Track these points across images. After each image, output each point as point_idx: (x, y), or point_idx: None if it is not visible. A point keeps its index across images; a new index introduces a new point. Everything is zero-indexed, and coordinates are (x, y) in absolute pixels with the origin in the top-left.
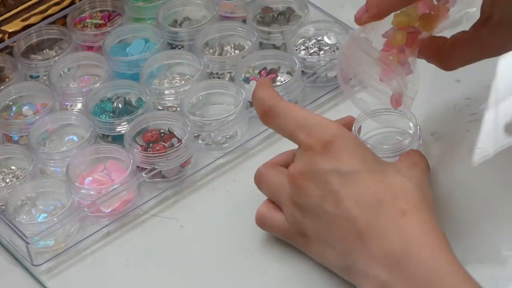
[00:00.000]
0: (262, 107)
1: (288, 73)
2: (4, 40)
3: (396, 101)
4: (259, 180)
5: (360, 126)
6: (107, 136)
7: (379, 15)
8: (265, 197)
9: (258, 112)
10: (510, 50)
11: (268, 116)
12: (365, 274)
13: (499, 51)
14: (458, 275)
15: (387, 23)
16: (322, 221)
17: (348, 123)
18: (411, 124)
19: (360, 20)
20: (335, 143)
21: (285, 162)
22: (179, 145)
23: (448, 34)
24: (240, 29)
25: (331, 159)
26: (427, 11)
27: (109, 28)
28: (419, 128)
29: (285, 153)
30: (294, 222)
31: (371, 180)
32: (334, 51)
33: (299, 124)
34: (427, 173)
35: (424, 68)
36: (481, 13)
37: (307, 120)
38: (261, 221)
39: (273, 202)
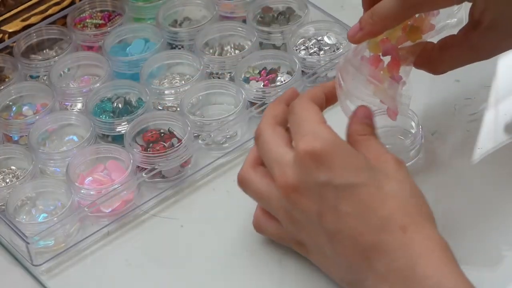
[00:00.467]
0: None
1: (288, 73)
2: (4, 40)
3: (393, 113)
4: (243, 185)
5: None
6: (107, 136)
7: (374, 33)
8: None
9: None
10: (500, 53)
11: (289, 112)
12: None
13: (489, 54)
14: (463, 287)
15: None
16: (321, 236)
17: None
18: (413, 124)
19: (354, 38)
20: (327, 153)
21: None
22: (179, 145)
23: (434, 40)
24: (240, 29)
25: (324, 170)
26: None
27: (109, 28)
28: (421, 128)
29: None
30: (289, 232)
31: (368, 193)
32: (334, 51)
33: (299, 124)
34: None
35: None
36: (470, 17)
37: (305, 123)
38: (257, 226)
39: None
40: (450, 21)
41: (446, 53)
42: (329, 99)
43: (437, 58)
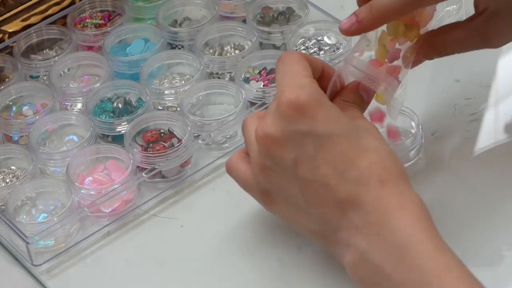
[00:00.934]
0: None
1: None
2: (4, 40)
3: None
4: (243, 130)
5: None
6: (107, 136)
7: (372, 27)
8: None
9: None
10: (506, 42)
11: (279, 60)
12: (346, 243)
13: (495, 42)
14: (432, 242)
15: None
16: (294, 184)
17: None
18: (413, 124)
19: (349, 31)
20: (309, 104)
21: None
22: (179, 145)
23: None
24: (240, 29)
25: (306, 120)
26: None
27: (109, 28)
28: (421, 128)
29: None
30: (257, 180)
31: (348, 144)
32: (334, 51)
33: (283, 79)
34: None
35: (424, 68)
36: (475, 7)
37: (291, 77)
38: (228, 169)
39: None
40: (449, 8)
41: (450, 36)
42: (324, 75)
43: (441, 43)
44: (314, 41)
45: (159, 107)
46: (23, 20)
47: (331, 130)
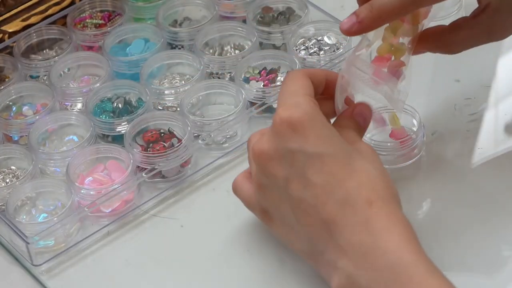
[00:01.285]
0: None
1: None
2: (4, 40)
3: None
4: (248, 147)
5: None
6: (107, 136)
7: (373, 27)
8: None
9: None
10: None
11: (283, 80)
12: (333, 265)
13: (501, 35)
14: (422, 264)
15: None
16: (285, 203)
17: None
18: (414, 122)
19: (350, 31)
20: (303, 122)
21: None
22: (179, 145)
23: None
24: (240, 29)
25: (298, 138)
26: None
27: (109, 28)
28: (423, 125)
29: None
30: (257, 198)
31: (338, 164)
32: (334, 51)
33: (283, 96)
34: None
35: (424, 68)
36: (478, 3)
37: (290, 95)
38: (233, 188)
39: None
40: None
41: (458, 35)
42: (328, 88)
43: (448, 40)
44: (314, 41)
45: (159, 107)
46: (23, 20)
47: (321, 149)
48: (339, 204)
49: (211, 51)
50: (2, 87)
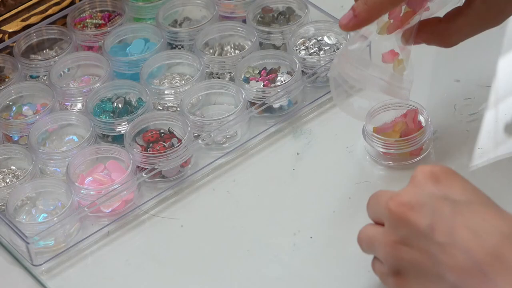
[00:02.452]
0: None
1: (288, 73)
2: (4, 40)
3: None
4: (359, 238)
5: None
6: (107, 136)
7: (369, 20)
8: (265, 198)
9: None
10: (507, 18)
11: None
12: None
13: (496, 20)
14: None
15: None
16: (428, 253)
17: None
18: (422, 118)
19: (348, 26)
20: (443, 172)
21: None
22: (179, 145)
23: (441, 14)
24: (240, 29)
25: (443, 188)
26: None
27: (109, 28)
28: (430, 122)
29: None
30: (388, 262)
31: (489, 211)
32: (334, 51)
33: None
34: None
35: (424, 68)
36: None
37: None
38: (372, 266)
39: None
40: None
41: (454, 25)
42: None
43: (445, 31)
44: (314, 41)
45: (159, 107)
46: (23, 20)
47: (470, 197)
48: (495, 246)
49: (211, 51)
50: (2, 87)
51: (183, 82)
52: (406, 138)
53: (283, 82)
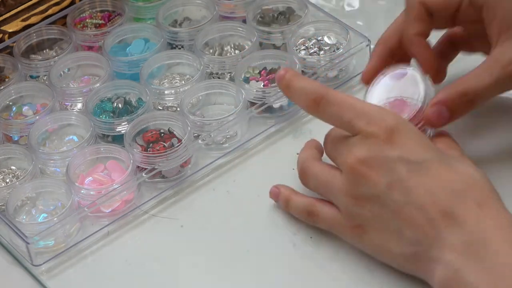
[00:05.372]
0: (309, 96)
1: None
2: (4, 40)
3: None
4: (305, 175)
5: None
6: (107, 136)
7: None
8: (265, 198)
9: (304, 102)
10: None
11: (318, 105)
12: (438, 260)
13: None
14: None
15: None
16: (386, 209)
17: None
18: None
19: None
20: (400, 131)
21: (319, 155)
22: (179, 145)
23: None
24: (240, 29)
25: (397, 147)
26: None
27: (109, 28)
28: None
29: (313, 145)
30: (349, 214)
31: (442, 169)
32: (334, 51)
33: (357, 112)
34: None
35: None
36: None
37: (366, 108)
38: (310, 213)
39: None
40: None
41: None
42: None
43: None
44: (314, 41)
45: (159, 107)
46: (23, 20)
47: (422, 156)
48: (448, 203)
49: (211, 51)
50: (2, 87)
51: (183, 82)
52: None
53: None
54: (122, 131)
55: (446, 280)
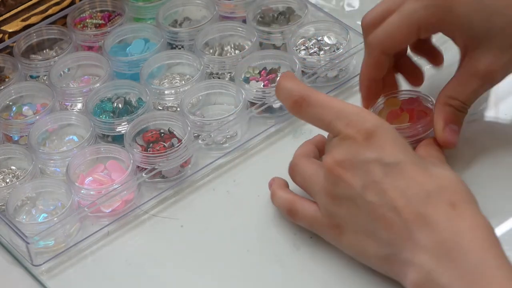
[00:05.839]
0: (292, 97)
1: None
2: (4, 40)
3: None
4: (293, 171)
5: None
6: (107, 136)
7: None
8: (265, 198)
9: (287, 103)
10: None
11: (300, 106)
12: (411, 262)
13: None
14: (505, 269)
15: None
16: (362, 210)
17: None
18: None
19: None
20: (377, 133)
21: (316, 151)
22: (179, 145)
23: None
24: (240, 29)
25: (374, 149)
26: None
27: (109, 28)
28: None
29: (311, 142)
30: (327, 213)
31: (416, 171)
32: (334, 51)
33: (337, 113)
34: None
35: (424, 69)
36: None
37: (346, 110)
38: (291, 210)
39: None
40: None
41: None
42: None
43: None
44: (314, 41)
45: (159, 107)
46: (23, 20)
47: (398, 158)
48: (420, 204)
49: (211, 51)
50: (2, 87)
51: (183, 82)
52: (421, 121)
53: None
54: (122, 131)
55: (419, 282)
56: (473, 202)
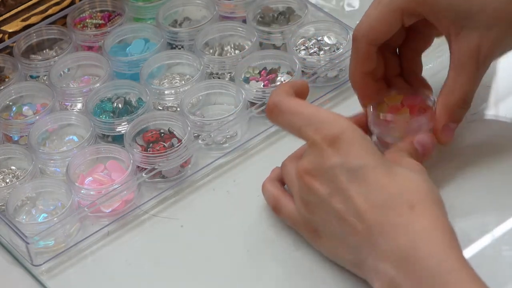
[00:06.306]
0: (268, 105)
1: (288, 73)
2: (4, 40)
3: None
4: (282, 170)
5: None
6: (107, 136)
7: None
8: (263, 199)
9: (266, 110)
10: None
11: (273, 112)
12: (375, 270)
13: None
14: (465, 272)
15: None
16: (332, 217)
17: (359, 121)
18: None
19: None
20: (342, 138)
21: None
22: (179, 145)
23: None
24: (240, 29)
25: (338, 155)
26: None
27: (109, 28)
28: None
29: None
30: (303, 218)
31: (380, 173)
32: (334, 51)
33: (307, 120)
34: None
35: (424, 69)
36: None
37: (315, 116)
38: (276, 208)
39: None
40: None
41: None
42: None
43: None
44: (314, 41)
45: (159, 107)
46: (23, 20)
47: (363, 162)
48: (381, 209)
49: (211, 51)
50: (2, 87)
51: (183, 82)
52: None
53: (283, 82)
54: (122, 131)
55: None
56: (433, 203)
